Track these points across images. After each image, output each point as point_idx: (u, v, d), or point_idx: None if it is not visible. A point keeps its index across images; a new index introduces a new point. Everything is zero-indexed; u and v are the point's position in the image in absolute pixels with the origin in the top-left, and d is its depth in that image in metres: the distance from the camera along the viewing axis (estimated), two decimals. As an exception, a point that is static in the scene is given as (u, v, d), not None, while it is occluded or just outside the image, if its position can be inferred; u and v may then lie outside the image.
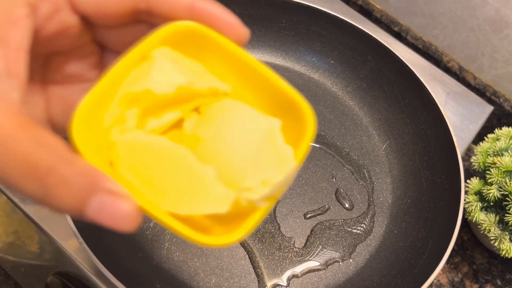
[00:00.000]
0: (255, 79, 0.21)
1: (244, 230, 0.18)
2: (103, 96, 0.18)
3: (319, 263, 0.42)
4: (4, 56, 0.17)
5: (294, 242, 0.42)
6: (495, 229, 0.46)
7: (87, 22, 0.20)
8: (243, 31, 0.20)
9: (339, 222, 0.44)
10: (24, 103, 0.17)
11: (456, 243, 0.53)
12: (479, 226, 0.47)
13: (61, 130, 0.21)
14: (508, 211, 0.44)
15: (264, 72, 0.20)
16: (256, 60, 0.20)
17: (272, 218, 0.43)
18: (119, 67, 0.19)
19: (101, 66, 0.23)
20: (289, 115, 0.21)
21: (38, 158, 0.15)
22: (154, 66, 0.19)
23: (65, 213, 0.17)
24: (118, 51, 0.22)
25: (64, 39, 0.20)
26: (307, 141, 0.20)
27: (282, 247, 0.42)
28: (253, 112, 0.20)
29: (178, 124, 0.21)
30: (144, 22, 0.21)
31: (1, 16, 0.17)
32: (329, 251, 0.42)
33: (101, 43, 0.22)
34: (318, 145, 0.48)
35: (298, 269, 0.41)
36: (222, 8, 0.20)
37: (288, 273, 0.41)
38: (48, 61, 0.20)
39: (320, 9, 0.50)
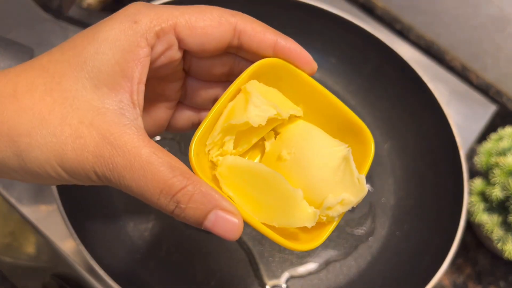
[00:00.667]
0: (323, 104, 0.26)
1: (323, 238, 0.23)
2: (210, 126, 0.23)
3: (320, 265, 0.41)
4: (129, 90, 0.21)
5: (294, 244, 0.42)
6: (498, 230, 0.45)
7: (186, 54, 0.25)
8: (314, 65, 0.25)
9: (340, 224, 0.44)
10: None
11: (458, 245, 0.53)
12: (482, 227, 0.46)
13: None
14: (511, 212, 0.43)
15: (331, 98, 0.25)
16: (325, 89, 0.25)
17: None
18: (222, 102, 0.24)
19: (183, 88, 0.28)
20: (352, 139, 0.26)
21: (173, 181, 0.20)
22: (251, 100, 0.23)
23: (188, 223, 0.21)
24: (199, 77, 0.27)
25: (167, 69, 0.25)
26: (369, 164, 0.25)
27: (282, 249, 0.41)
28: (324, 135, 0.25)
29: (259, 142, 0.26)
30: (230, 53, 0.26)
31: (128, 55, 0.21)
32: (330, 252, 0.42)
33: (187, 69, 0.27)
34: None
35: (299, 271, 0.41)
36: (299, 46, 0.25)
37: (288, 275, 0.40)
38: (146, 83, 0.23)
39: (321, 7, 0.50)
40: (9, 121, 0.20)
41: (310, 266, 0.41)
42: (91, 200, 0.39)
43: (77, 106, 0.20)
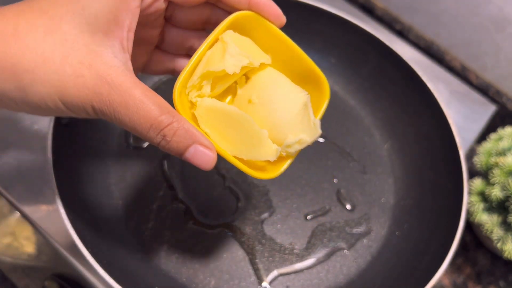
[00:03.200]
0: (289, 54, 0.30)
1: (282, 169, 0.29)
2: (191, 72, 0.27)
3: (320, 265, 0.41)
4: (120, 36, 0.24)
5: (294, 244, 0.42)
6: (497, 230, 0.45)
7: (169, 3, 0.28)
8: (283, 19, 0.29)
9: (340, 224, 0.44)
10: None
11: (458, 245, 0.53)
12: (482, 227, 0.46)
13: None
14: (511, 212, 0.43)
15: (296, 49, 0.30)
16: (291, 40, 0.29)
17: (272, 219, 0.43)
18: (202, 50, 0.27)
19: (161, 34, 0.31)
20: (312, 86, 0.31)
21: (161, 118, 0.24)
22: (227, 51, 0.26)
23: (171, 153, 0.25)
24: (178, 25, 0.31)
25: (151, 17, 0.28)
26: (324, 109, 0.32)
27: (282, 248, 0.41)
28: (289, 82, 0.29)
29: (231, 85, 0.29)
30: (209, 4, 0.29)
31: (121, 5, 0.24)
32: (330, 252, 0.42)
33: (168, 17, 0.30)
34: (321, 142, 0.48)
35: (299, 270, 0.41)
36: (270, 1, 0.28)
37: (288, 274, 0.40)
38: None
39: (321, 7, 0.50)
40: (13, 58, 0.22)
41: (310, 266, 0.41)
42: (92, 200, 0.40)
43: (77, 48, 0.23)
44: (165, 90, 0.47)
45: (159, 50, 0.32)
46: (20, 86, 0.23)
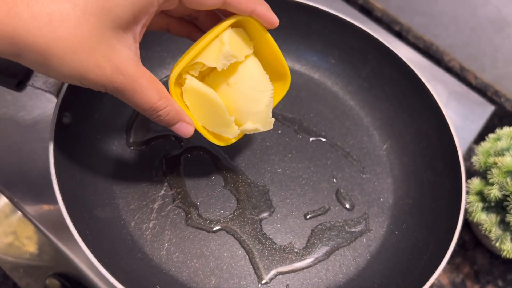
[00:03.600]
0: (269, 50, 0.37)
1: (235, 140, 0.39)
2: (187, 60, 0.33)
3: (319, 264, 0.41)
4: (135, 32, 0.30)
5: (294, 243, 0.42)
6: (496, 229, 0.46)
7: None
8: (276, 24, 0.35)
9: (339, 223, 0.44)
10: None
11: (457, 244, 0.53)
12: (480, 227, 0.47)
13: None
14: (509, 212, 0.44)
15: (275, 47, 0.36)
16: (274, 41, 0.36)
17: (272, 218, 0.43)
18: (201, 43, 0.32)
19: (166, 27, 0.37)
20: (279, 79, 0.39)
21: (160, 103, 0.31)
22: (222, 52, 0.33)
23: (164, 125, 0.33)
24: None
25: (161, 14, 0.35)
26: (281, 98, 0.40)
27: (282, 247, 0.42)
28: (263, 75, 0.36)
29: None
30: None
31: (142, 9, 0.29)
32: (329, 252, 0.42)
33: (168, 13, 0.36)
34: (320, 140, 0.48)
35: (299, 269, 0.41)
36: (267, 8, 0.34)
37: (288, 274, 0.41)
38: None
39: (321, 8, 0.50)
40: (45, 45, 0.26)
41: (309, 265, 0.41)
42: (93, 200, 0.40)
43: (101, 43, 0.27)
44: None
45: (162, 13, 0.37)
46: (47, 66, 0.27)
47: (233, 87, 0.35)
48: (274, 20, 0.34)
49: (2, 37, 0.25)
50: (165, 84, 0.33)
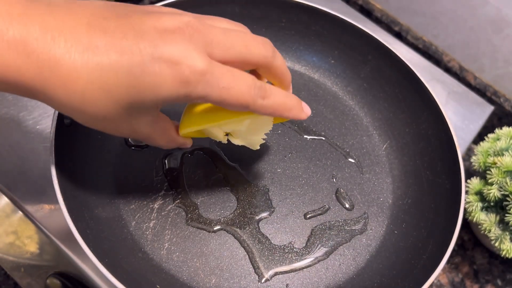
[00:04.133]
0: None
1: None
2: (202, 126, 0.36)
3: (319, 263, 0.42)
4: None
5: (294, 243, 0.42)
6: (495, 229, 0.46)
7: None
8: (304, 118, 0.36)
9: (339, 222, 0.44)
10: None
11: (456, 243, 0.53)
12: (480, 226, 0.47)
13: None
14: (508, 211, 0.44)
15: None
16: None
17: (272, 218, 0.43)
18: (220, 121, 0.35)
19: None
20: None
21: (168, 145, 0.36)
22: (232, 138, 0.38)
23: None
24: None
25: None
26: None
27: (282, 247, 0.42)
28: (262, 130, 0.39)
29: None
30: None
31: (171, 100, 0.29)
32: (329, 251, 0.42)
33: None
34: (320, 140, 0.48)
35: (299, 269, 0.41)
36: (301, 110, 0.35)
37: (288, 273, 0.41)
38: None
39: (320, 9, 0.50)
40: (73, 112, 0.28)
41: (309, 264, 0.41)
42: (94, 200, 0.40)
43: (123, 118, 0.30)
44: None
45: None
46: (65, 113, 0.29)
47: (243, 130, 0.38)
48: (304, 117, 0.36)
49: (26, 92, 0.26)
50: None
